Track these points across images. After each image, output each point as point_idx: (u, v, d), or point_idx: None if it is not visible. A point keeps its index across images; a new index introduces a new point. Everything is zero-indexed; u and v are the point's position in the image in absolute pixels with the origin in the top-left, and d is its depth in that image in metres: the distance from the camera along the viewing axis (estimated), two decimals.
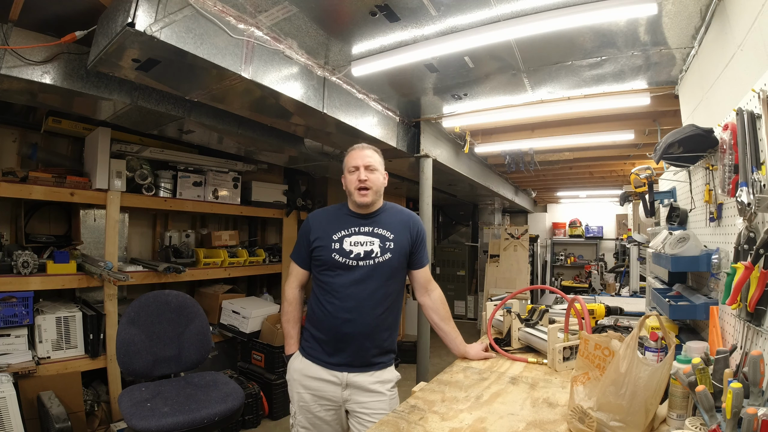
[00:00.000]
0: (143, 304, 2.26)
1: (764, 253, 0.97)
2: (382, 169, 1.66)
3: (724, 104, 1.57)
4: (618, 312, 2.03)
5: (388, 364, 1.63)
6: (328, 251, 1.57)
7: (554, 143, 3.88)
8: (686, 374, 0.99)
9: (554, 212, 8.73)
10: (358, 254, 1.56)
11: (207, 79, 2.01)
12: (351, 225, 1.61)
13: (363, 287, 1.55)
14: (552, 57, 2.31)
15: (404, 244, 1.63)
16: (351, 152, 1.64)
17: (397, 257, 1.60)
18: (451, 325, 1.71)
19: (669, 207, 2.00)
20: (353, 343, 1.55)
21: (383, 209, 1.68)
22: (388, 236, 1.61)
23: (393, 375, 1.63)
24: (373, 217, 1.64)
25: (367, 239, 1.59)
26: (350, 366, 1.55)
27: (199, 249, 3.59)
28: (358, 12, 1.87)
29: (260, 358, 3.54)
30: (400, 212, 1.71)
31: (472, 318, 7.45)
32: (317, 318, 1.60)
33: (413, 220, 1.71)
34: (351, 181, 1.60)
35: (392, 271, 1.60)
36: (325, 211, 1.72)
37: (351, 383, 1.55)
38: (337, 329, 1.55)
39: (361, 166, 1.58)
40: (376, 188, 1.60)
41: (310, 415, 1.57)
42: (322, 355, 1.57)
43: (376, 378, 1.57)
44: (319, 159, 3.77)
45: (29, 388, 2.35)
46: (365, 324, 1.55)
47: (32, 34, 1.92)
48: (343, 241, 1.58)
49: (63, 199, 2.66)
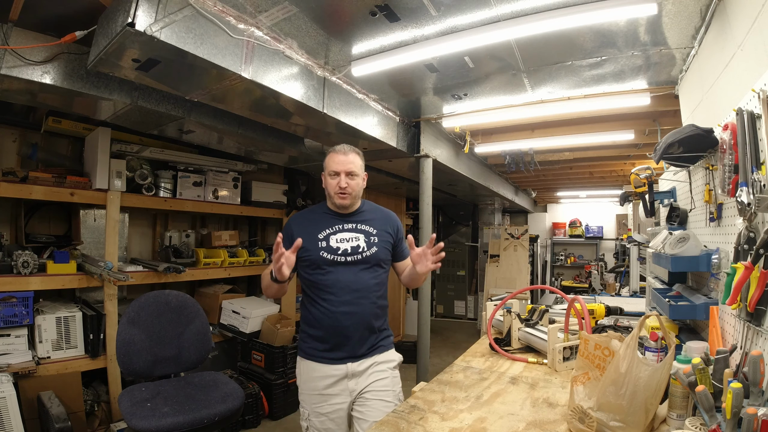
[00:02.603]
0: (143, 304, 2.26)
1: (764, 253, 0.97)
2: (362, 172, 1.69)
3: (724, 104, 1.57)
4: (618, 312, 2.03)
5: (389, 347, 1.69)
6: (315, 251, 1.60)
7: (554, 143, 3.88)
8: (686, 374, 0.99)
9: (554, 212, 8.73)
10: (345, 250, 1.61)
11: (207, 79, 2.02)
12: (334, 224, 1.66)
13: (355, 279, 1.60)
14: (552, 57, 2.31)
15: (388, 239, 1.70)
16: (333, 154, 1.64)
17: (382, 250, 1.67)
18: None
19: (669, 207, 2.00)
20: (353, 335, 1.58)
21: (362, 208, 1.73)
22: (372, 232, 1.67)
23: (395, 356, 1.70)
24: (354, 215, 1.70)
25: (352, 235, 1.64)
26: (353, 357, 1.59)
27: (199, 249, 3.59)
28: (358, 12, 1.87)
29: (260, 358, 3.54)
30: (379, 210, 1.78)
31: (472, 318, 7.44)
32: (314, 317, 1.62)
33: (391, 217, 1.78)
34: (331, 185, 1.63)
35: (380, 261, 1.67)
36: (305, 213, 1.75)
37: (355, 372, 1.59)
38: (337, 323, 1.57)
39: (342, 172, 1.61)
40: (355, 193, 1.65)
41: (323, 416, 1.59)
42: (324, 352, 1.60)
43: (379, 359, 1.63)
44: (319, 159, 3.73)
45: (29, 388, 2.35)
46: (364, 314, 1.60)
47: (32, 34, 1.92)
48: (329, 239, 1.62)
49: (63, 199, 2.67)
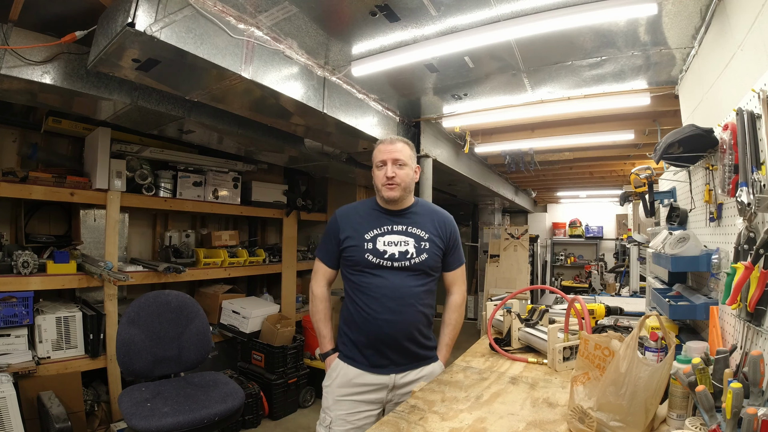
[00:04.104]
0: (143, 304, 2.26)
1: (764, 253, 0.97)
2: (413, 163, 1.56)
3: (724, 104, 1.57)
4: (618, 312, 2.03)
5: (434, 359, 1.59)
6: (360, 251, 1.49)
7: (554, 143, 3.88)
8: (686, 374, 0.99)
9: (554, 212, 8.74)
10: (392, 255, 1.48)
11: (207, 79, 2.01)
12: (383, 223, 1.53)
13: (401, 285, 1.48)
14: (552, 57, 2.31)
15: (439, 245, 1.56)
16: (379, 145, 1.56)
17: (433, 257, 1.54)
18: (445, 331, 1.66)
19: (669, 207, 2.00)
20: (396, 343, 1.48)
21: (415, 206, 1.59)
22: (423, 236, 1.53)
23: (440, 369, 1.58)
24: (405, 214, 1.56)
25: (401, 239, 1.51)
26: (396, 366, 1.50)
27: (199, 249, 3.59)
28: (358, 12, 1.87)
29: (260, 358, 3.54)
30: (434, 212, 1.63)
31: (472, 318, 7.44)
32: (355, 321, 1.52)
33: (447, 221, 1.62)
34: (378, 177, 1.52)
35: (429, 270, 1.54)
36: (353, 207, 1.62)
37: (398, 384, 1.50)
38: (378, 330, 1.47)
39: (389, 160, 1.49)
40: (404, 184, 1.52)
41: (348, 425, 1.48)
42: (364, 359, 1.50)
43: (424, 373, 1.53)
44: (319, 159, 3.77)
45: (29, 388, 2.35)
46: (406, 323, 1.49)
47: (32, 34, 1.92)
48: (376, 240, 1.49)
49: (63, 199, 2.67)
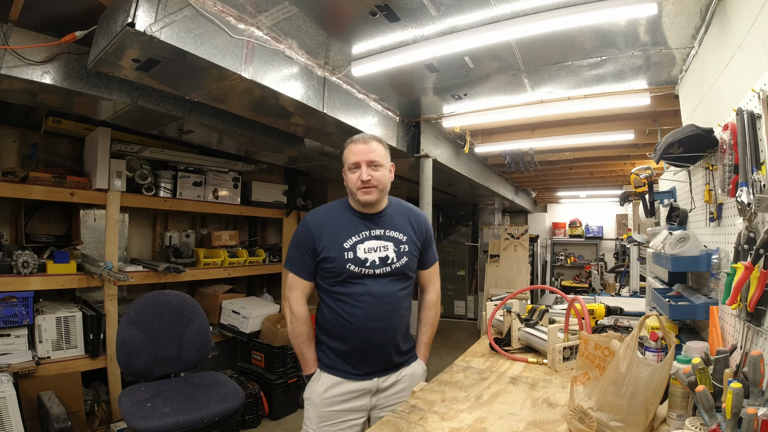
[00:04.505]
0: (143, 304, 2.26)
1: (764, 253, 0.97)
2: (387, 162, 1.48)
3: (724, 104, 1.57)
4: (618, 312, 2.03)
5: (414, 358, 1.59)
6: (341, 262, 1.43)
7: (554, 143, 3.88)
8: (686, 374, 0.99)
9: (554, 212, 8.74)
10: (374, 262, 1.44)
11: (207, 79, 2.01)
12: (360, 229, 1.47)
13: (384, 294, 1.46)
14: (552, 57, 2.31)
15: (417, 245, 1.55)
16: (350, 145, 1.45)
17: (411, 259, 1.53)
18: (423, 330, 1.65)
19: (669, 207, 2.00)
20: (381, 350, 1.47)
21: (389, 209, 1.53)
22: (401, 239, 1.50)
23: (421, 368, 1.58)
24: (382, 217, 1.51)
25: (380, 244, 1.47)
26: (380, 371, 1.48)
27: (199, 249, 3.59)
28: (358, 12, 1.87)
29: (260, 358, 3.54)
30: (409, 210, 1.59)
31: (472, 318, 7.44)
32: (336, 330, 1.47)
33: (422, 219, 1.60)
34: (352, 180, 1.43)
35: (409, 272, 1.53)
36: (326, 212, 1.53)
37: (381, 387, 1.49)
38: (363, 339, 1.44)
39: (363, 162, 1.41)
40: (381, 186, 1.44)
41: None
42: (347, 367, 1.47)
43: (404, 373, 1.53)
44: (319, 159, 3.77)
45: (29, 388, 2.35)
46: (393, 328, 1.48)
47: (32, 34, 1.93)
48: (356, 248, 1.44)
49: (63, 199, 2.67)
